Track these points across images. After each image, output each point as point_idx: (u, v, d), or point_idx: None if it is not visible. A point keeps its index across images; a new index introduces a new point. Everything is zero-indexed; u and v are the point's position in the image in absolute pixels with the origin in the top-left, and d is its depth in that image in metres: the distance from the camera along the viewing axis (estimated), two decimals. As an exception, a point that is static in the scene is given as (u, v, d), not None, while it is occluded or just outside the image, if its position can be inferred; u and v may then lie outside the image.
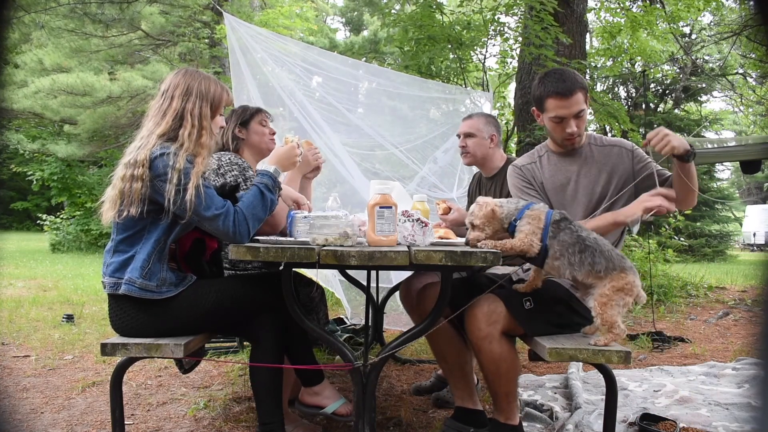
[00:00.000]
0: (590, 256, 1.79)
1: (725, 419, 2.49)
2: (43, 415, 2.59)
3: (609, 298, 1.77)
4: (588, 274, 1.80)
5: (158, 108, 1.95)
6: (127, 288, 1.84)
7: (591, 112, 8.24)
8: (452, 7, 6.96)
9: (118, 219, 1.87)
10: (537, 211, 1.86)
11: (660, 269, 6.82)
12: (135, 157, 1.84)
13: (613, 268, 1.78)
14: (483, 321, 1.96)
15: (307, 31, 12.74)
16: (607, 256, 1.79)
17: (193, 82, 1.96)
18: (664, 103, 19.55)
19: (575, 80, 2.13)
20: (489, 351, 1.97)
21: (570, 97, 2.10)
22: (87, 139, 12.86)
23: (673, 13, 8.59)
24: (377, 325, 3.50)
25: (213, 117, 1.98)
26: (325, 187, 4.26)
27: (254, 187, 1.95)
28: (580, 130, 2.16)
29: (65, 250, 13.35)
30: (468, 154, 2.90)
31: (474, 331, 1.99)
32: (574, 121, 2.14)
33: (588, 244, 1.80)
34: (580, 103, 2.12)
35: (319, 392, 2.16)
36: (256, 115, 2.63)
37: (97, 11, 10.78)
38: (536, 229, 1.82)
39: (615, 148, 2.21)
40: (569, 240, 1.81)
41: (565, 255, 1.81)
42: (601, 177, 2.20)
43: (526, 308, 1.98)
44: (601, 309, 1.78)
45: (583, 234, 1.82)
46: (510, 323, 1.98)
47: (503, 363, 1.99)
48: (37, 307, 5.41)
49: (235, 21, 4.07)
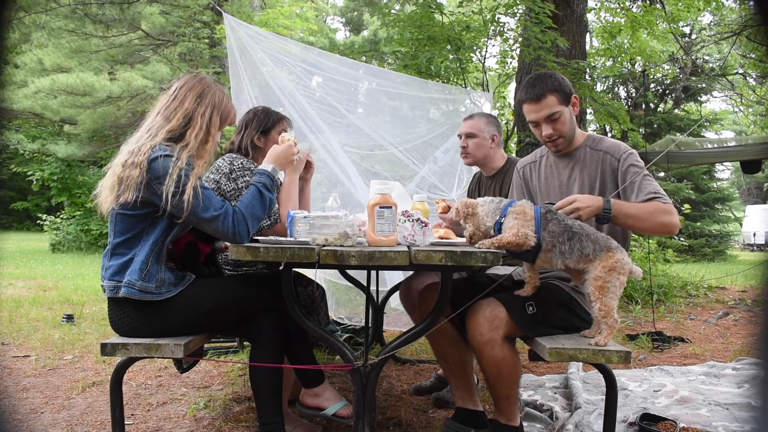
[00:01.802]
0: (578, 241, 1.81)
1: (725, 419, 2.49)
2: (43, 415, 2.59)
3: (604, 280, 1.79)
4: (579, 259, 1.83)
5: (167, 105, 1.96)
6: (126, 291, 1.84)
7: (591, 112, 8.26)
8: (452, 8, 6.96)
9: (115, 205, 1.86)
10: (520, 206, 1.87)
11: (660, 269, 6.82)
12: (139, 146, 1.85)
13: (600, 249, 1.81)
14: (485, 326, 1.96)
15: (307, 31, 12.73)
16: (593, 239, 1.83)
17: (207, 89, 1.99)
18: (664, 103, 19.55)
19: (547, 84, 2.12)
20: (491, 355, 1.97)
21: (539, 101, 2.11)
22: (87, 139, 12.88)
23: (673, 13, 8.59)
24: (377, 325, 3.50)
25: (220, 128, 2.00)
26: (325, 187, 4.25)
27: (253, 187, 1.96)
28: (559, 132, 2.15)
29: (65, 250, 13.35)
30: (469, 154, 2.90)
31: (476, 335, 1.99)
32: (550, 124, 2.13)
33: (575, 230, 1.83)
34: (552, 106, 2.11)
35: (319, 394, 2.16)
36: (278, 124, 2.55)
37: (98, 12, 10.78)
38: (524, 222, 1.83)
39: (607, 156, 2.14)
40: (558, 230, 1.83)
41: (556, 245, 1.83)
42: (593, 181, 2.15)
43: (528, 313, 1.98)
44: (599, 293, 1.79)
45: (569, 222, 1.85)
46: (512, 328, 1.98)
47: (505, 367, 1.99)
48: (37, 307, 5.41)
49: (235, 21, 4.07)
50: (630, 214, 1.95)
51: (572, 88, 2.21)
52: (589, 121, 11.22)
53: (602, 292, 1.79)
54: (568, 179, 2.22)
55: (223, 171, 2.34)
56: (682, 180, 17.93)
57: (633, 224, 1.98)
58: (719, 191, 18.69)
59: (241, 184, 2.32)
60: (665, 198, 2.00)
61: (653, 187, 2.02)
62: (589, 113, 8.11)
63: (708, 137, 14.70)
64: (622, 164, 2.10)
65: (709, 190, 18.09)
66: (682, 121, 17.67)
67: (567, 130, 2.16)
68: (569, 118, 2.16)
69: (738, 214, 23.42)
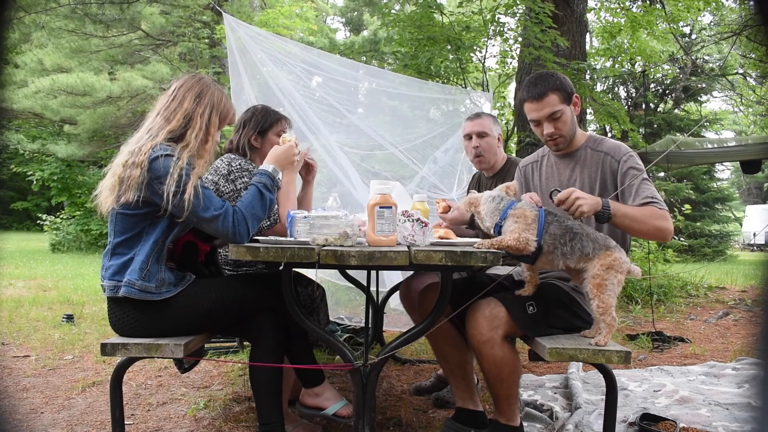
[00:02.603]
0: (579, 242, 1.83)
1: (725, 419, 2.49)
2: (43, 415, 2.59)
3: (602, 278, 1.80)
4: (579, 259, 1.84)
5: (167, 106, 1.96)
6: (126, 290, 1.84)
7: (591, 113, 8.26)
8: (452, 8, 6.96)
9: (116, 205, 1.86)
10: (520, 209, 1.87)
11: (660, 269, 6.82)
12: (139, 146, 1.85)
13: (600, 247, 1.83)
14: (485, 326, 1.96)
15: (307, 31, 12.73)
16: (593, 238, 1.84)
17: (206, 89, 1.99)
18: (664, 103, 19.56)
19: (549, 83, 2.12)
20: (491, 355, 1.97)
21: (541, 100, 2.11)
22: (87, 139, 12.88)
23: (673, 13, 8.58)
24: (377, 325, 3.50)
25: (219, 128, 2.01)
26: (325, 186, 4.25)
27: (253, 187, 1.96)
28: (560, 131, 2.15)
29: (65, 250, 13.35)
30: (483, 157, 2.83)
31: (476, 335, 1.99)
32: (551, 123, 2.14)
33: (576, 231, 1.84)
34: (554, 104, 2.12)
35: (319, 393, 2.16)
36: (276, 125, 2.51)
37: (98, 11, 10.78)
38: (525, 226, 1.83)
39: (608, 157, 2.15)
40: (559, 231, 1.84)
41: (558, 247, 1.84)
42: (593, 182, 2.16)
43: (528, 313, 1.99)
44: (598, 291, 1.80)
45: (569, 222, 1.86)
46: (512, 327, 1.98)
47: (505, 367, 1.99)
48: (37, 307, 5.41)
49: (235, 21, 4.06)
50: (628, 214, 1.95)
51: (574, 88, 2.21)
52: (589, 121, 11.23)
53: (600, 290, 1.80)
54: (568, 179, 2.22)
55: (222, 172, 2.32)
56: (682, 180, 17.93)
57: (630, 225, 1.98)
58: (719, 191, 18.68)
59: (239, 186, 2.31)
60: (661, 204, 2.01)
61: (650, 191, 2.03)
62: (589, 113, 8.11)
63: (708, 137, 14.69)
64: (622, 166, 2.10)
65: (709, 190, 18.09)
66: (682, 121, 17.68)
67: (568, 130, 2.16)
68: (570, 118, 2.16)
69: (738, 214, 23.43)
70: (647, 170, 2.12)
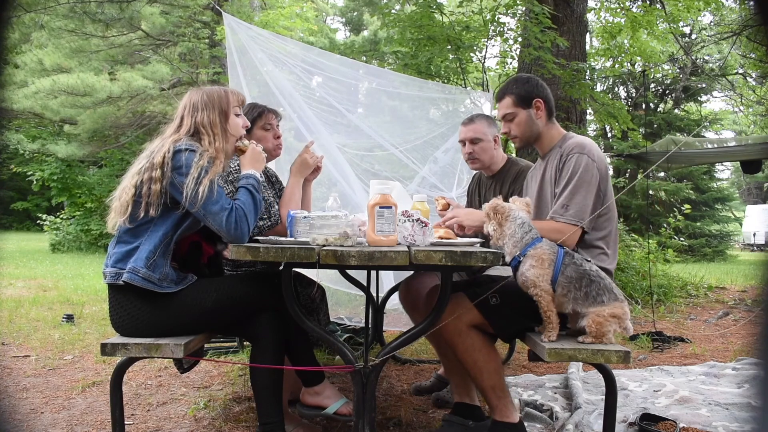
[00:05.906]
0: (595, 289, 1.83)
1: (725, 419, 2.49)
2: (43, 415, 2.59)
3: (605, 319, 1.82)
4: (590, 305, 1.84)
5: (174, 130, 2.02)
6: (129, 276, 1.85)
7: (591, 113, 8.25)
8: (452, 8, 6.95)
9: (129, 224, 1.90)
10: (540, 250, 1.86)
11: (660, 269, 6.82)
12: (151, 160, 1.89)
13: (613, 298, 1.84)
14: (448, 317, 1.98)
15: (307, 32, 12.73)
16: (609, 288, 1.85)
17: (195, 96, 2.04)
18: (664, 103, 19.57)
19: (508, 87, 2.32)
20: (461, 344, 2.03)
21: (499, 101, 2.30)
22: (87, 139, 12.87)
23: (673, 13, 8.58)
24: (377, 326, 3.50)
25: (226, 120, 2.03)
26: (325, 186, 4.25)
27: (243, 189, 2.00)
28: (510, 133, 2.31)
29: (65, 250, 13.35)
30: (476, 160, 2.85)
31: (443, 331, 2.01)
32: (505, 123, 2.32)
33: (592, 278, 1.84)
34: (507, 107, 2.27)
35: (319, 392, 2.16)
36: (259, 119, 2.48)
37: (97, 11, 10.77)
38: (541, 272, 1.83)
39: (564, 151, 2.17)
40: (575, 275, 1.84)
41: (571, 291, 1.84)
42: (553, 177, 2.19)
43: (491, 303, 2.02)
44: (596, 326, 1.82)
45: (585, 267, 1.86)
46: (475, 316, 2.02)
47: (478, 354, 2.02)
48: (37, 307, 5.41)
49: (235, 22, 4.06)
50: None
51: (540, 92, 2.26)
52: (590, 121, 11.22)
53: (599, 326, 1.81)
54: (541, 179, 2.27)
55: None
56: (682, 180, 17.94)
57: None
58: (719, 191, 18.69)
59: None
60: (566, 217, 2.02)
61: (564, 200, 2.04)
62: (589, 113, 8.11)
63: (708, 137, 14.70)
64: (563, 159, 2.13)
65: (709, 190, 18.09)
66: (682, 121, 17.70)
67: (521, 132, 2.27)
68: (525, 120, 2.25)
69: (738, 214, 23.43)
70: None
